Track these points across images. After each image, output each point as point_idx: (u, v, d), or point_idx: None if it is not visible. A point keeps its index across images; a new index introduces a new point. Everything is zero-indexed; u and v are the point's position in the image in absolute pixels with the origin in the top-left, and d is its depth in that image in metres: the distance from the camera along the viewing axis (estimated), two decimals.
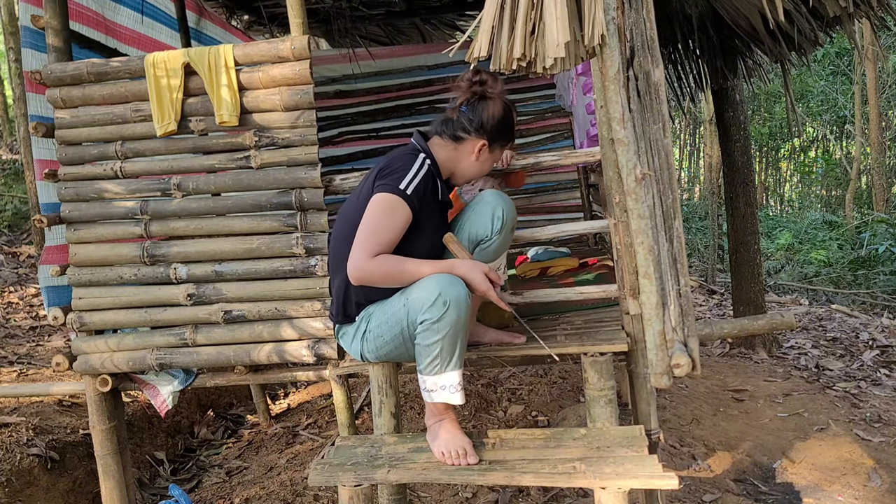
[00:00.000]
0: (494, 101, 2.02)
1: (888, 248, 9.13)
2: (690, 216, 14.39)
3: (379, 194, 1.89)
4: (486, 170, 2.11)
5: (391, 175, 1.90)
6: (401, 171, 1.91)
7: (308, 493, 3.00)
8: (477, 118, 2.01)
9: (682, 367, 1.54)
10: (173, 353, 2.41)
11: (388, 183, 1.89)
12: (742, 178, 5.17)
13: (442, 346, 1.81)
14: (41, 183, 2.49)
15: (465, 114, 2.02)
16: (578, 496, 2.85)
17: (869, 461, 3.27)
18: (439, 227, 2.03)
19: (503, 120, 2.03)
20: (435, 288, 1.79)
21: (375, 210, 1.88)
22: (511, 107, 2.07)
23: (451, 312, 1.78)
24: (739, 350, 5.35)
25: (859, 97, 12.27)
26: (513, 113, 2.09)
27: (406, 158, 1.96)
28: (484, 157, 2.06)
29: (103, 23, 3.04)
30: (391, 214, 1.87)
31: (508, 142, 2.10)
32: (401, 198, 1.87)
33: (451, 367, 1.84)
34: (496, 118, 2.02)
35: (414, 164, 1.93)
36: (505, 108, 2.04)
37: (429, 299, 1.79)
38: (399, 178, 1.89)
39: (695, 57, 4.62)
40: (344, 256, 1.95)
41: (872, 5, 3.15)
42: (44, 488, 2.94)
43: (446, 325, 1.79)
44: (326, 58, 4.73)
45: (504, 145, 2.10)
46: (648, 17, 1.63)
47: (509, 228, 2.06)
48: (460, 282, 1.83)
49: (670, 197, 1.66)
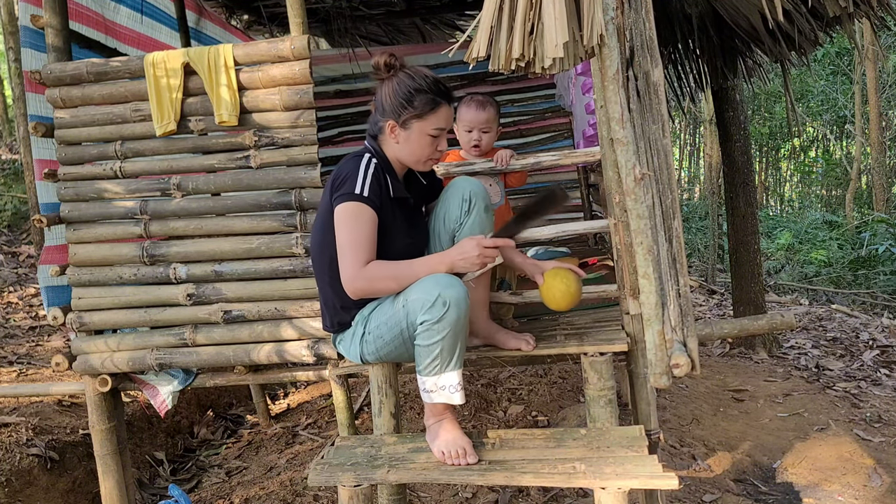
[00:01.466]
0: (387, 81, 1.95)
1: (888, 248, 9.13)
2: (690, 216, 14.39)
3: (339, 206, 1.89)
4: (423, 146, 1.97)
5: (343, 184, 1.90)
6: (350, 177, 1.90)
7: (308, 493, 3.00)
8: (378, 104, 1.98)
9: (681, 367, 1.54)
10: (173, 353, 2.41)
11: (344, 192, 1.89)
12: (742, 178, 5.17)
13: (442, 346, 1.81)
14: (41, 183, 2.49)
15: (375, 103, 2.01)
16: (578, 496, 2.85)
17: (869, 461, 3.26)
18: (406, 225, 2.01)
19: (399, 92, 1.92)
20: (434, 288, 1.79)
21: (342, 223, 1.88)
22: (410, 75, 1.93)
23: (451, 313, 1.77)
24: (739, 350, 5.35)
25: (859, 97, 12.27)
26: (412, 79, 1.92)
27: (351, 163, 1.95)
28: (404, 136, 1.95)
29: (103, 22, 3.04)
30: (358, 221, 1.87)
31: (423, 110, 1.93)
32: (360, 202, 1.87)
33: (451, 368, 1.84)
34: (392, 94, 1.93)
35: (360, 166, 1.93)
36: (399, 80, 1.93)
37: (428, 300, 1.79)
38: (352, 184, 1.89)
39: (695, 57, 4.62)
40: (321, 267, 1.99)
41: (872, 5, 3.15)
42: (43, 488, 2.94)
43: (446, 326, 1.79)
44: (326, 58, 4.73)
45: (421, 115, 1.93)
46: (648, 17, 1.63)
47: (480, 208, 2.03)
48: (459, 282, 1.82)
49: (669, 197, 1.66)
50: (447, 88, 1.97)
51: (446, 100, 1.96)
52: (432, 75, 1.96)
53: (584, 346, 2.10)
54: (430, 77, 1.95)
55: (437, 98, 1.94)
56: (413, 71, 1.96)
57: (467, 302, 1.81)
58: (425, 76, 1.94)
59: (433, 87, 1.94)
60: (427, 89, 1.93)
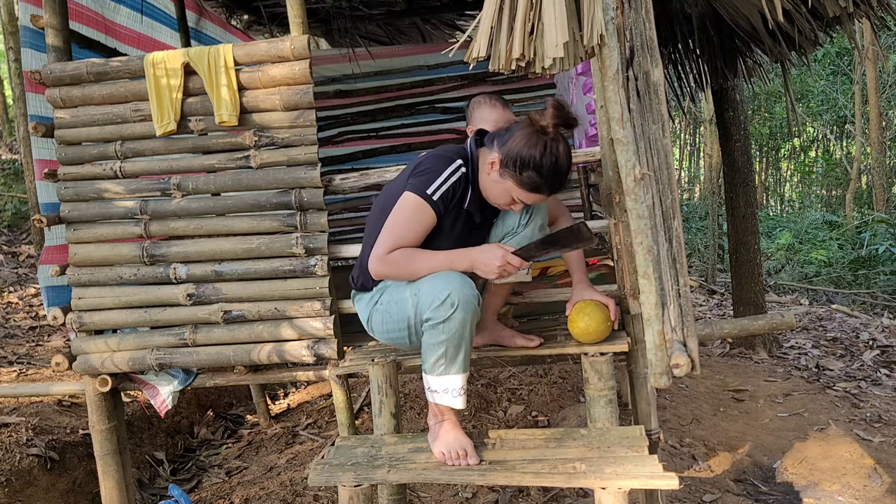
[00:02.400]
0: (531, 131, 1.84)
1: (888, 248, 9.14)
2: (690, 216, 14.39)
3: (407, 193, 1.89)
4: (501, 198, 1.92)
5: (423, 175, 1.90)
6: (432, 174, 1.89)
7: (308, 494, 3.00)
8: (506, 131, 1.89)
9: (681, 367, 1.54)
10: (173, 353, 2.41)
11: (418, 184, 1.89)
12: (742, 178, 5.17)
13: (447, 347, 1.81)
14: (41, 183, 2.49)
15: (507, 127, 1.93)
16: (578, 496, 2.85)
17: (869, 461, 3.27)
18: (462, 236, 1.99)
19: (521, 152, 1.82)
20: (446, 287, 1.79)
21: (402, 209, 1.90)
22: (545, 149, 1.82)
23: (459, 314, 1.77)
24: (739, 350, 5.35)
25: (859, 97, 12.27)
26: (540, 156, 1.81)
27: (442, 161, 1.92)
28: (495, 177, 1.88)
29: (103, 22, 3.03)
30: (414, 216, 1.89)
31: (524, 183, 1.85)
32: (426, 202, 1.88)
33: (455, 371, 1.84)
34: (516, 146, 1.84)
35: (447, 168, 1.90)
36: (534, 143, 1.82)
37: (438, 298, 1.78)
38: (429, 182, 1.88)
39: (695, 57, 4.62)
40: (371, 232, 2.02)
41: (872, 5, 3.15)
42: (43, 488, 2.94)
43: (452, 327, 1.79)
44: (326, 58, 4.73)
45: (520, 184, 1.85)
46: (648, 17, 1.63)
47: (537, 224, 2.05)
48: (472, 284, 1.82)
49: (669, 197, 1.66)
50: (562, 183, 1.88)
51: (550, 192, 1.88)
52: (564, 167, 1.85)
53: (584, 346, 2.10)
54: (560, 167, 1.84)
55: (544, 187, 1.85)
56: (555, 149, 1.83)
57: (477, 305, 1.81)
58: (556, 163, 1.82)
59: (552, 176, 1.84)
60: (545, 174, 1.82)
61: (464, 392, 1.86)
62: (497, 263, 1.83)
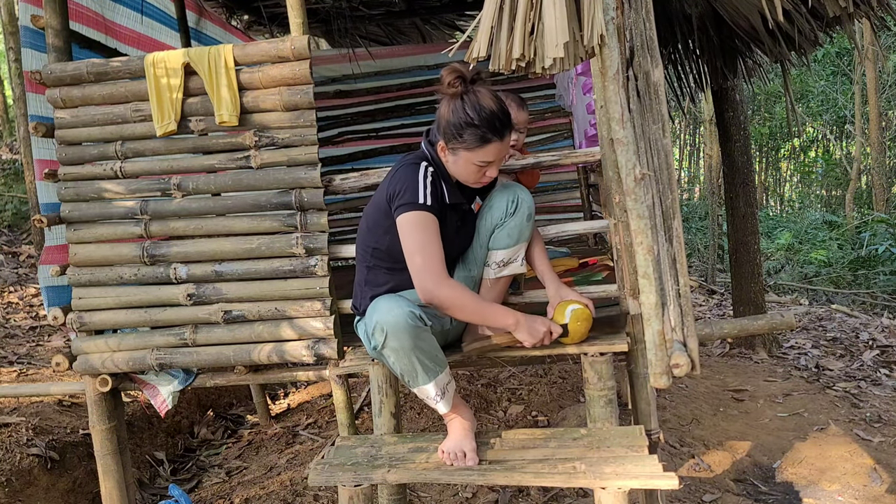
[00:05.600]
0: (449, 99, 1.90)
1: (888, 248, 9.14)
2: (690, 216, 14.40)
3: (403, 216, 1.90)
4: (469, 173, 1.95)
5: (404, 194, 1.91)
6: (411, 187, 1.91)
7: (308, 493, 3.00)
8: (436, 117, 1.96)
9: (681, 367, 1.54)
10: (173, 353, 2.41)
11: (407, 203, 1.90)
12: (742, 178, 5.17)
13: (399, 366, 1.85)
14: (41, 183, 2.49)
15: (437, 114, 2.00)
16: (578, 496, 2.85)
17: (869, 461, 3.27)
18: (457, 227, 2.04)
19: (452, 121, 1.88)
20: (373, 315, 1.83)
21: (410, 232, 1.89)
22: (469, 104, 1.86)
23: (391, 340, 1.79)
24: (739, 350, 5.35)
25: (859, 97, 12.27)
26: (468, 111, 1.85)
27: (410, 172, 1.94)
28: (452, 159, 1.95)
29: (103, 23, 3.04)
30: (426, 229, 1.89)
31: (472, 145, 1.88)
32: (424, 211, 1.89)
33: (423, 381, 1.86)
34: (446, 118, 1.90)
35: (419, 174, 1.93)
36: (456, 107, 1.87)
37: (370, 325, 1.84)
38: (414, 194, 1.90)
39: (695, 57, 4.62)
40: (362, 251, 2.06)
41: (872, 5, 3.16)
42: (44, 488, 2.94)
43: (391, 352, 1.82)
44: (326, 58, 4.73)
45: (469, 148, 1.89)
46: (648, 17, 1.63)
47: (524, 214, 2.04)
48: (399, 307, 1.79)
49: (669, 197, 1.66)
50: (504, 122, 1.88)
51: (499, 136, 1.88)
52: (493, 107, 1.86)
53: (583, 346, 2.10)
54: (488, 110, 1.85)
55: (488, 135, 1.86)
56: (475, 99, 1.87)
57: (409, 320, 1.78)
58: (482, 108, 1.85)
59: (487, 122, 1.85)
60: (480, 124, 1.85)
61: (442, 397, 1.89)
62: (540, 336, 1.94)
